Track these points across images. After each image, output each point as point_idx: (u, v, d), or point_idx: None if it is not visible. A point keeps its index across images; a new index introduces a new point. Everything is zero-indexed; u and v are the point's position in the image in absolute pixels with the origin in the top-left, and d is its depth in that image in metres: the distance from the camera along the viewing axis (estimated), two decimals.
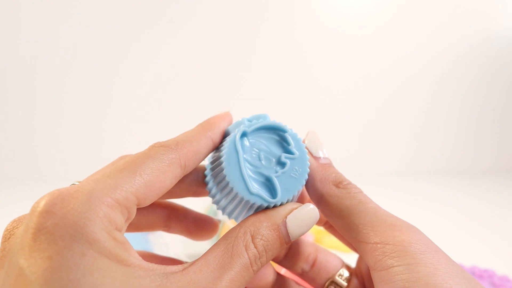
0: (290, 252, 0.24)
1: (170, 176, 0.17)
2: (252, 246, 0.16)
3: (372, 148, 1.19)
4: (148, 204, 0.16)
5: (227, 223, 0.46)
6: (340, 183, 0.19)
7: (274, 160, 0.20)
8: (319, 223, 0.24)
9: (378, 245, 0.15)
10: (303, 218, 0.18)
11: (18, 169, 1.06)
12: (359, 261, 0.24)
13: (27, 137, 1.06)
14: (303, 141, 0.21)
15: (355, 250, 0.23)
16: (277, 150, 0.20)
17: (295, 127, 0.22)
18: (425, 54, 1.15)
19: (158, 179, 0.16)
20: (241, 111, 0.96)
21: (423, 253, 0.15)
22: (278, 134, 0.20)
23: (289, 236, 0.18)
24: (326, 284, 0.23)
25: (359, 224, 0.17)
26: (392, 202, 0.88)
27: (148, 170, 0.16)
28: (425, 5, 1.11)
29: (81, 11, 0.99)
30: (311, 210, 0.18)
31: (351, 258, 0.27)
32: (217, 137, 0.21)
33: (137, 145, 1.20)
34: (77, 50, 1.02)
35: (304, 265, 0.24)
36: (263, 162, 0.19)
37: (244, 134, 0.20)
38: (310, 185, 0.20)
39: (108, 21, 1.02)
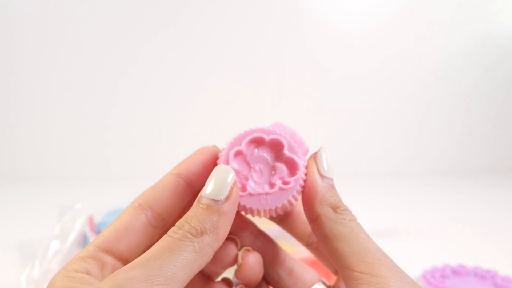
0: (267, 256, 0.24)
1: (127, 216, 0.20)
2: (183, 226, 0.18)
3: (371, 148, 1.19)
4: (124, 247, 0.20)
5: None
6: (338, 207, 0.20)
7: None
8: (301, 240, 0.25)
9: (365, 275, 0.17)
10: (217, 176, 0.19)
11: (18, 169, 1.06)
12: (338, 282, 0.24)
13: (28, 137, 1.05)
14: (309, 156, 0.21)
15: (335, 272, 0.24)
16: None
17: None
18: (425, 54, 1.15)
19: (116, 226, 0.20)
20: (242, 112, 0.95)
21: None
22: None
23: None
24: None
25: (348, 252, 0.18)
26: (391, 202, 0.88)
27: (111, 224, 0.20)
28: (426, 4, 1.11)
29: (88, 10, 0.99)
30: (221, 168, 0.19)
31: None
32: (187, 172, 0.21)
33: (140, 145, 1.19)
34: (82, 50, 1.02)
35: (281, 271, 0.24)
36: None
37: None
38: (307, 202, 0.21)
39: (115, 21, 1.02)
